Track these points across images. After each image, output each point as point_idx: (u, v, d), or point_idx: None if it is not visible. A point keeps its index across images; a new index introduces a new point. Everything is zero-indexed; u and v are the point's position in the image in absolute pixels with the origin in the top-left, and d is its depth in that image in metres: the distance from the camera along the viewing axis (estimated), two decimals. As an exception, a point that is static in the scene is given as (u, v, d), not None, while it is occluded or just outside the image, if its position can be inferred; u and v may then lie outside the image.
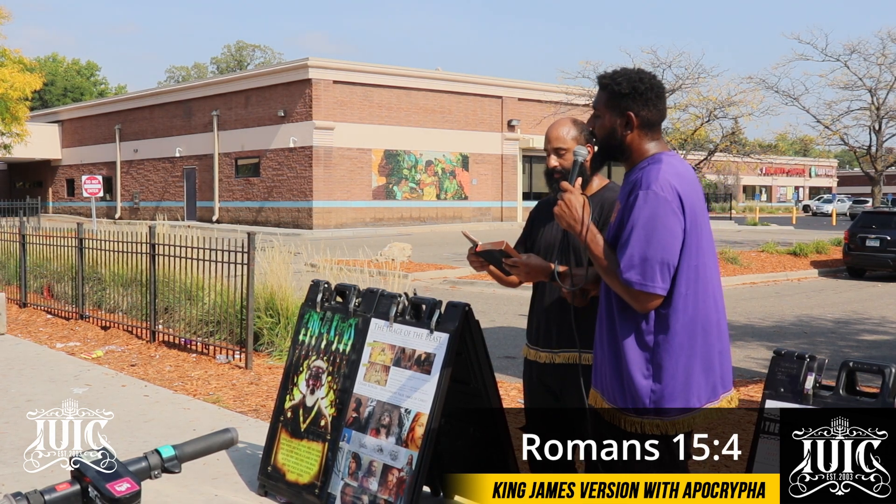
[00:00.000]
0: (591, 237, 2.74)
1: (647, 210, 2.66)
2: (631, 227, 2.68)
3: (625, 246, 2.68)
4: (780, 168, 73.43)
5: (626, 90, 2.81)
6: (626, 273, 2.66)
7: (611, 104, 2.85)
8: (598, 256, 2.75)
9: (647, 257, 2.64)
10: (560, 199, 2.80)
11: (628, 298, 2.71)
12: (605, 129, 2.87)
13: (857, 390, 2.88)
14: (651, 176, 2.72)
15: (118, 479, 1.70)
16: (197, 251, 9.04)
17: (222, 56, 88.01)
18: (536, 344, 3.63)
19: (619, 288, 2.71)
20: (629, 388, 2.76)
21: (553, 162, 3.52)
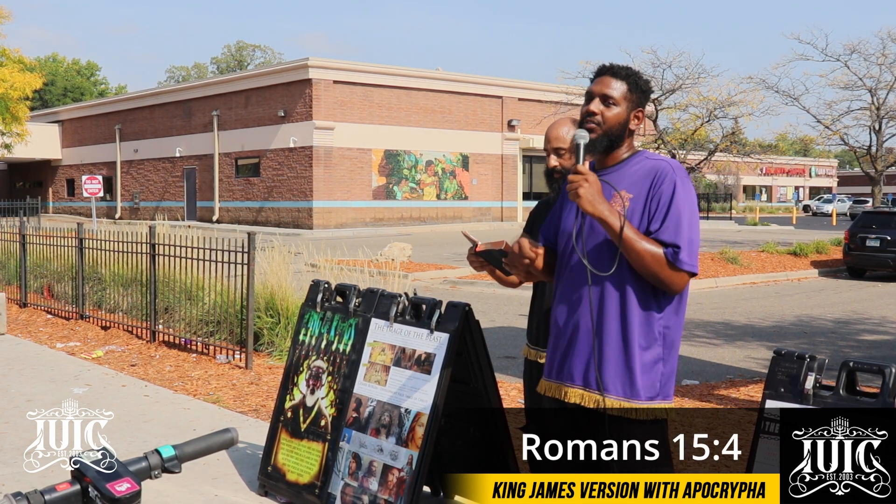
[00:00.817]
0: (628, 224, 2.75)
1: (689, 197, 2.80)
2: (677, 210, 2.76)
3: (675, 228, 2.76)
4: (780, 168, 73.43)
5: (645, 88, 2.93)
6: (682, 253, 2.74)
7: (629, 97, 2.90)
8: (637, 240, 2.74)
9: (693, 240, 2.77)
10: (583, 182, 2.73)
11: (669, 278, 2.76)
12: (620, 120, 2.90)
13: (857, 390, 2.88)
14: (675, 166, 2.84)
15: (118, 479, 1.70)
16: (197, 251, 9.04)
17: (222, 56, 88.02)
18: (537, 344, 3.63)
19: (663, 269, 2.75)
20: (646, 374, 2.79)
21: (553, 162, 3.52)
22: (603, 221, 2.75)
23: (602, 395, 2.82)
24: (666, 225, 2.76)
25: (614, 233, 2.74)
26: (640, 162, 2.89)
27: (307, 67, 32.21)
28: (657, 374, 2.81)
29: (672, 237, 2.75)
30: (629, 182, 2.85)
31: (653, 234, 2.77)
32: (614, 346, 2.82)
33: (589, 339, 2.85)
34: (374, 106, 33.90)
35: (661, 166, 2.83)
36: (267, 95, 34.38)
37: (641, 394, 2.80)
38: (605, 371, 2.82)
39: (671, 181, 2.79)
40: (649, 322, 2.80)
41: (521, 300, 13.54)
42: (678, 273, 2.75)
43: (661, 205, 2.78)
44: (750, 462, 2.98)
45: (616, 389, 2.82)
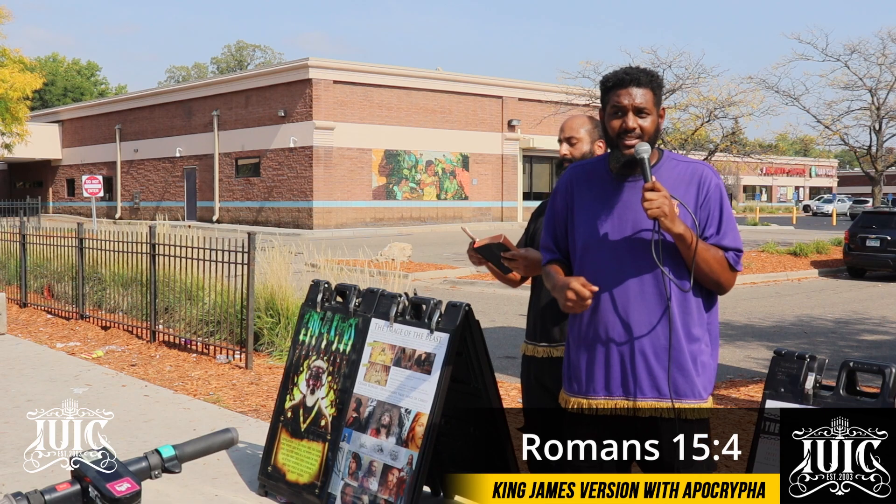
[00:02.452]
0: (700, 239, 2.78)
1: (727, 199, 2.88)
2: (729, 216, 2.84)
3: (734, 233, 2.85)
4: (780, 168, 73.42)
5: (663, 85, 2.99)
6: (740, 256, 2.85)
7: (655, 101, 2.86)
8: (707, 247, 2.80)
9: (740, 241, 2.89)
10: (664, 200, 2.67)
11: (729, 282, 2.85)
12: (656, 126, 2.86)
13: (857, 390, 2.88)
14: (712, 168, 2.89)
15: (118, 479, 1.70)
16: (197, 251, 9.04)
17: (222, 56, 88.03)
18: (534, 339, 3.63)
19: (727, 273, 2.83)
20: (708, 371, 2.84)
21: (564, 150, 3.60)
22: (681, 238, 2.72)
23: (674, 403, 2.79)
24: (724, 230, 2.83)
25: (688, 246, 2.74)
26: (674, 166, 2.86)
27: (307, 67, 32.20)
28: (711, 371, 2.87)
29: (733, 242, 2.83)
30: (670, 187, 2.77)
31: (710, 239, 2.82)
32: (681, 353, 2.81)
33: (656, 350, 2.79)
34: (374, 106, 33.90)
35: (701, 170, 2.85)
36: (267, 95, 34.38)
37: (703, 393, 2.84)
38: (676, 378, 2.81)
39: (717, 186, 2.83)
40: (701, 322, 2.85)
41: (520, 300, 13.54)
42: (734, 274, 2.86)
43: (713, 210, 2.82)
44: (750, 462, 2.98)
45: (690, 394, 2.82)
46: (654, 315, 2.79)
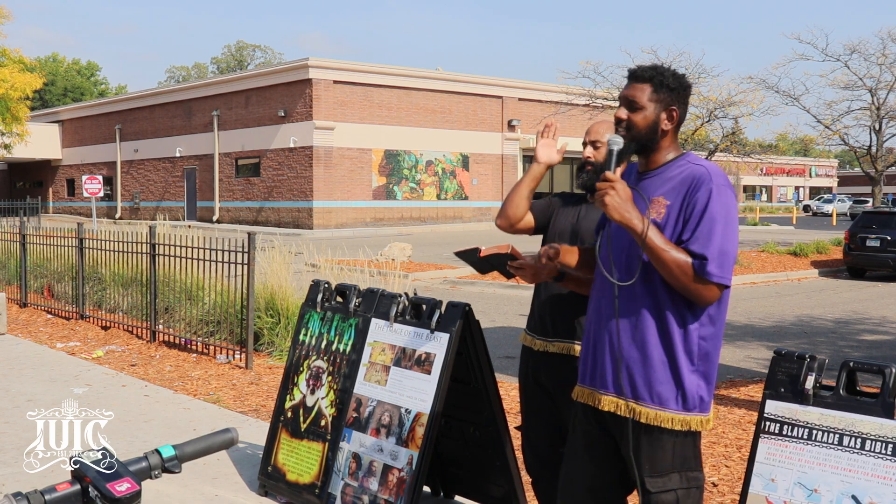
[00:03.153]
0: (653, 230, 2.68)
1: (725, 205, 2.68)
2: (710, 220, 2.66)
3: (705, 239, 2.66)
4: (780, 168, 73.43)
5: (674, 85, 2.81)
6: (710, 266, 2.64)
7: (656, 98, 2.80)
8: (664, 249, 2.66)
9: (726, 251, 2.66)
10: (609, 190, 2.68)
11: (697, 290, 2.67)
12: (649, 122, 2.80)
13: (857, 390, 2.87)
14: (714, 172, 2.73)
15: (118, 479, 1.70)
16: (197, 251, 9.04)
17: (222, 56, 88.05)
18: (533, 331, 3.67)
19: (690, 280, 2.66)
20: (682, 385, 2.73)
21: (587, 153, 3.60)
22: (630, 229, 2.68)
23: (636, 403, 2.77)
24: (696, 235, 2.67)
25: (640, 239, 2.68)
26: (683, 167, 2.79)
27: (307, 67, 32.20)
28: (693, 385, 2.74)
29: (701, 248, 2.66)
30: (668, 188, 2.77)
31: (684, 243, 2.69)
32: (648, 355, 2.76)
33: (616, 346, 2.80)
34: (374, 106, 33.90)
35: (699, 173, 2.73)
36: (267, 95, 34.38)
37: (676, 403, 2.75)
38: (638, 379, 2.78)
39: (707, 189, 2.68)
40: (684, 332, 2.73)
41: (521, 300, 13.54)
42: (707, 285, 2.66)
43: (694, 213, 2.69)
44: (750, 462, 2.98)
45: (648, 398, 2.76)
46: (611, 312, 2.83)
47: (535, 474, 3.76)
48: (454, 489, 4.45)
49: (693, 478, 2.81)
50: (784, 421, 2.92)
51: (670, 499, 2.78)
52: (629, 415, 2.77)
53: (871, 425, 2.76)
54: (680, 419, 2.74)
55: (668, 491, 2.77)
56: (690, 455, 2.81)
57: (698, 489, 2.84)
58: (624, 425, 2.79)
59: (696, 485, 2.82)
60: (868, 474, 2.72)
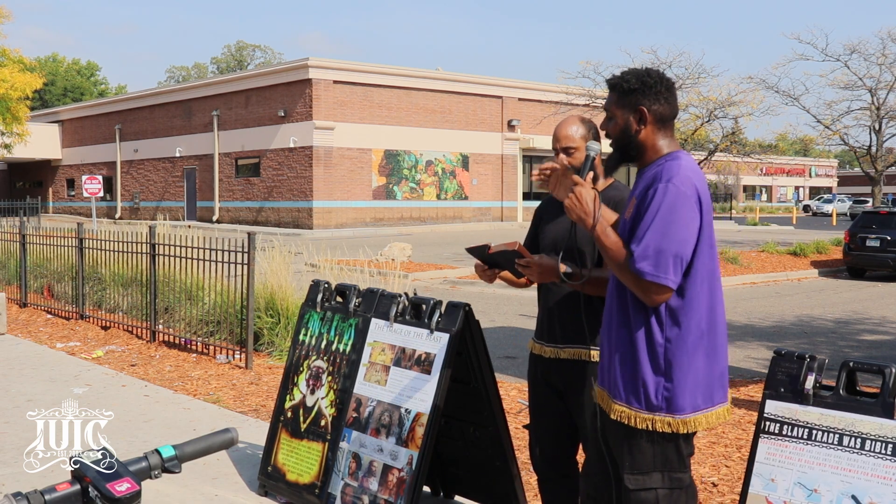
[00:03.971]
0: (600, 229, 2.75)
1: (667, 203, 2.65)
2: (649, 218, 2.66)
3: (640, 237, 2.66)
4: (780, 168, 73.45)
5: (636, 85, 2.82)
6: (640, 263, 2.63)
7: (622, 102, 2.85)
8: (608, 248, 2.74)
9: (662, 249, 2.63)
10: (571, 193, 2.81)
11: (639, 290, 2.69)
12: (619, 128, 2.86)
13: (857, 390, 2.87)
14: (672, 170, 2.71)
15: (118, 479, 1.70)
16: (197, 251, 9.04)
17: (222, 56, 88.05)
18: (542, 338, 3.62)
19: (630, 279, 2.69)
20: (642, 384, 2.73)
21: (563, 161, 3.52)
22: (584, 226, 2.82)
23: (611, 399, 2.83)
24: (637, 232, 2.68)
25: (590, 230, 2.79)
26: (659, 165, 2.80)
27: (307, 67, 32.20)
28: (658, 387, 2.73)
29: (635, 244, 2.67)
30: (641, 187, 2.80)
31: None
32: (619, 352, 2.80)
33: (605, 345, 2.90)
34: (374, 106, 33.89)
35: (660, 171, 2.74)
36: (267, 95, 34.37)
37: (640, 403, 2.75)
38: (611, 375, 2.83)
39: (654, 187, 2.69)
40: (647, 332, 2.73)
41: (521, 300, 13.54)
42: (635, 278, 2.67)
43: (641, 211, 2.71)
44: (750, 462, 2.98)
45: (617, 394, 2.80)
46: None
47: (542, 473, 3.75)
48: (454, 489, 4.45)
49: (677, 479, 2.79)
50: (784, 421, 2.92)
51: (650, 497, 2.76)
52: (607, 410, 2.83)
53: (870, 425, 2.76)
54: (643, 418, 2.74)
55: (649, 489, 2.76)
56: (673, 456, 2.78)
57: (682, 490, 2.80)
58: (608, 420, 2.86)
59: (679, 486, 2.79)
60: (868, 474, 2.72)
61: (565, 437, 3.63)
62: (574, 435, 3.61)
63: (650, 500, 2.76)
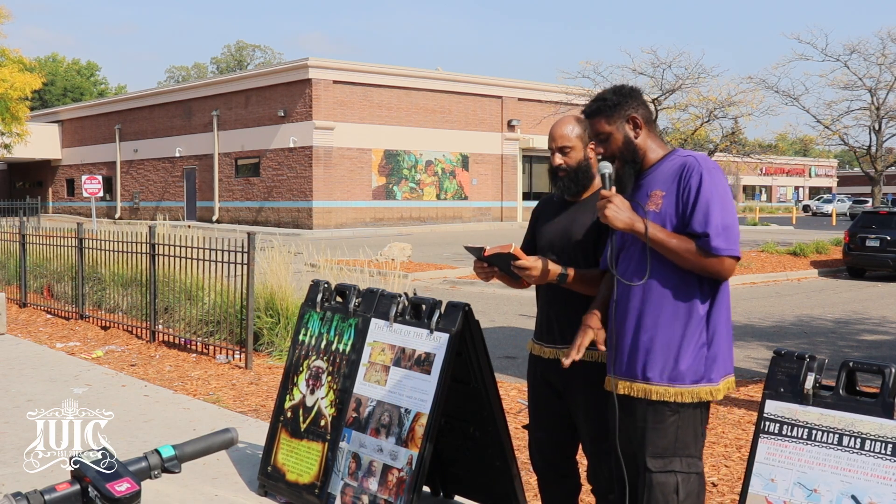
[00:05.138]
0: (654, 227, 2.90)
1: (717, 185, 2.89)
2: (705, 201, 2.86)
3: (704, 219, 2.85)
4: (780, 168, 73.41)
5: (617, 99, 3.03)
6: (715, 241, 2.83)
7: (611, 119, 3.04)
8: (667, 240, 2.89)
9: (728, 224, 2.86)
10: (608, 204, 2.91)
11: (711, 266, 2.86)
12: (620, 142, 3.04)
13: (857, 390, 2.87)
14: (700, 159, 2.94)
15: (118, 479, 1.70)
16: (197, 251, 9.04)
17: (222, 56, 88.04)
18: (541, 339, 3.62)
19: (702, 261, 2.86)
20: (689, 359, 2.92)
21: (558, 160, 3.52)
22: (634, 232, 2.91)
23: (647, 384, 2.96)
24: (695, 216, 2.87)
25: (645, 238, 2.89)
26: (672, 160, 3.02)
27: (307, 67, 32.20)
28: (701, 358, 2.92)
29: (702, 227, 2.85)
30: (661, 181, 2.99)
31: (686, 227, 2.89)
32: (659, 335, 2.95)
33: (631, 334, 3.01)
34: (374, 106, 33.89)
35: (687, 162, 2.94)
36: (267, 95, 34.37)
37: (687, 378, 2.92)
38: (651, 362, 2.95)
39: (697, 173, 2.89)
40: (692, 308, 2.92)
41: (520, 300, 13.54)
42: (717, 259, 2.85)
43: (689, 198, 2.89)
44: (750, 462, 2.98)
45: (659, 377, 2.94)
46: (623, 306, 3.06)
47: (542, 474, 3.74)
48: (454, 489, 4.45)
49: (693, 464, 2.96)
50: (784, 421, 2.92)
51: (671, 480, 2.92)
52: (643, 395, 2.96)
53: (870, 425, 2.76)
54: (688, 391, 2.92)
55: (669, 472, 2.92)
56: (691, 441, 2.96)
57: (698, 476, 2.98)
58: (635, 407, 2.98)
59: (696, 471, 2.97)
60: (868, 474, 2.72)
61: (565, 438, 3.63)
62: (574, 435, 3.61)
63: (670, 484, 2.92)
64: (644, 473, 2.94)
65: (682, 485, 2.92)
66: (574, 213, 3.54)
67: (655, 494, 2.91)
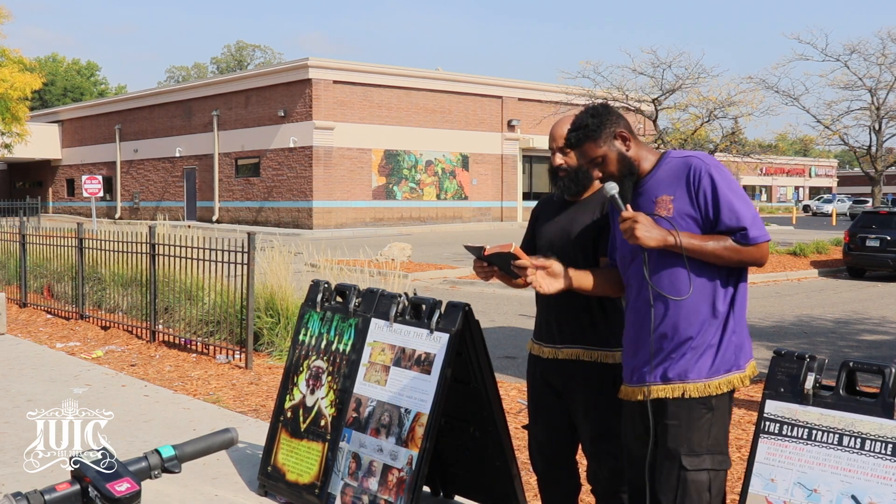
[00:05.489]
0: (686, 236, 2.90)
1: (728, 180, 2.93)
2: (727, 198, 2.90)
3: (732, 214, 2.89)
4: (780, 168, 73.39)
5: (597, 122, 3.04)
6: (752, 231, 2.88)
7: (601, 140, 3.03)
8: (703, 244, 2.90)
9: (754, 213, 2.92)
10: (635, 224, 2.89)
11: (750, 256, 2.91)
12: (616, 161, 3.04)
13: (857, 390, 2.87)
14: (701, 157, 2.98)
15: (118, 479, 1.70)
16: (197, 251, 9.03)
17: (222, 56, 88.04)
18: (540, 339, 3.62)
19: (740, 253, 2.89)
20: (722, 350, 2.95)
21: (558, 160, 3.51)
22: (668, 247, 2.91)
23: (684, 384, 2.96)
24: (723, 214, 2.89)
25: (679, 249, 2.90)
26: (668, 163, 3.03)
27: (307, 67, 32.20)
28: (731, 347, 2.98)
29: (736, 222, 2.88)
30: (665, 185, 3.00)
31: (715, 227, 2.92)
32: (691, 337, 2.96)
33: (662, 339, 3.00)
34: (374, 106, 33.89)
35: (690, 162, 2.96)
36: (267, 95, 34.37)
37: (721, 370, 2.96)
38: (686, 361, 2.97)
39: (707, 174, 2.91)
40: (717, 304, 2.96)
41: (520, 300, 13.53)
42: (755, 247, 2.90)
43: (709, 198, 2.91)
44: (749, 462, 2.98)
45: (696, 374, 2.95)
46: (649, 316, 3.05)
47: (541, 474, 3.74)
48: (454, 489, 4.45)
49: (724, 461, 2.99)
50: (784, 421, 2.92)
51: (703, 478, 2.94)
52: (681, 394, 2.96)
53: (870, 425, 2.76)
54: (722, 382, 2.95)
55: (702, 470, 2.94)
56: (722, 438, 2.98)
57: (725, 472, 3.01)
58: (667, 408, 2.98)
59: (724, 467, 2.99)
60: (868, 474, 2.72)
61: (564, 438, 3.63)
62: (573, 435, 3.61)
63: (703, 481, 2.94)
64: (678, 471, 2.94)
65: (713, 482, 2.95)
66: (574, 213, 3.54)
67: (690, 493, 2.93)
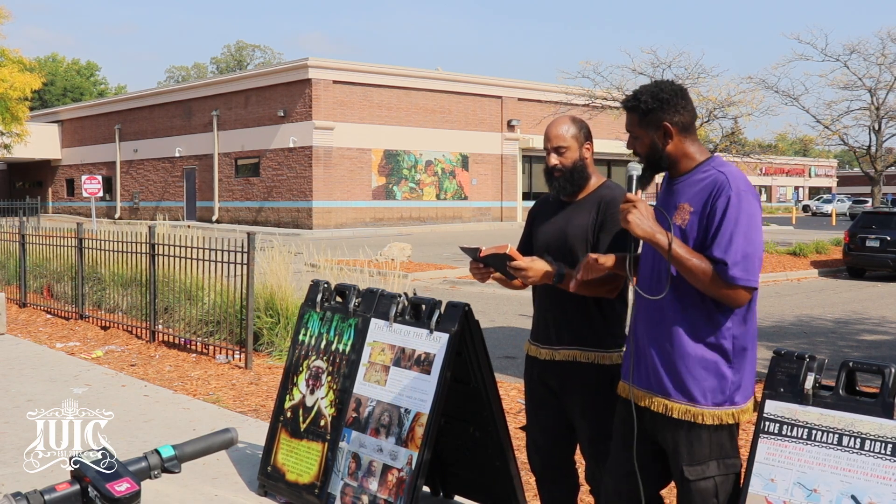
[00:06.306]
0: (677, 243, 2.80)
1: (746, 211, 2.76)
2: (731, 226, 2.75)
3: (725, 245, 2.74)
4: (779, 168, 73.38)
5: (654, 104, 2.90)
6: (733, 270, 2.73)
7: (644, 122, 2.93)
8: (687, 258, 2.78)
9: (748, 254, 2.74)
10: (632, 209, 2.80)
11: (725, 295, 2.77)
12: (647, 146, 2.95)
13: (857, 390, 2.87)
14: (736, 179, 2.82)
15: (118, 479, 1.70)
16: (197, 251, 9.03)
17: (222, 56, 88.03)
18: (537, 340, 3.63)
19: (719, 287, 2.77)
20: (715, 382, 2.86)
21: (553, 160, 3.51)
22: (654, 243, 2.81)
23: (668, 400, 2.91)
24: (717, 241, 2.76)
25: (664, 251, 2.79)
26: (707, 172, 2.88)
27: (307, 67, 32.19)
28: (726, 382, 2.87)
29: (722, 253, 2.74)
30: (692, 194, 2.88)
31: (707, 249, 2.79)
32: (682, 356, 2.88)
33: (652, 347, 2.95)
34: (374, 106, 33.89)
35: (720, 179, 2.81)
36: (267, 95, 34.37)
37: (708, 399, 2.87)
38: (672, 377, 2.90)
39: (726, 195, 2.77)
40: (716, 332, 2.85)
41: (520, 300, 13.53)
42: (733, 289, 2.76)
43: (714, 220, 2.78)
44: (749, 462, 2.98)
45: (686, 394, 2.89)
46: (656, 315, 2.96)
47: (539, 474, 3.75)
48: (454, 489, 4.45)
49: (731, 464, 2.93)
50: (783, 421, 2.92)
51: (709, 486, 2.90)
52: (663, 411, 2.91)
53: (870, 425, 2.76)
54: (710, 413, 2.87)
55: (707, 478, 2.89)
56: (727, 443, 2.93)
57: (736, 475, 2.95)
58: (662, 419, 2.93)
59: (733, 471, 2.94)
60: (867, 474, 2.72)
61: (562, 438, 3.63)
62: (571, 436, 3.61)
63: (709, 489, 2.89)
64: (682, 483, 2.90)
65: (720, 487, 2.90)
66: (570, 214, 3.53)
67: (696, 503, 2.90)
